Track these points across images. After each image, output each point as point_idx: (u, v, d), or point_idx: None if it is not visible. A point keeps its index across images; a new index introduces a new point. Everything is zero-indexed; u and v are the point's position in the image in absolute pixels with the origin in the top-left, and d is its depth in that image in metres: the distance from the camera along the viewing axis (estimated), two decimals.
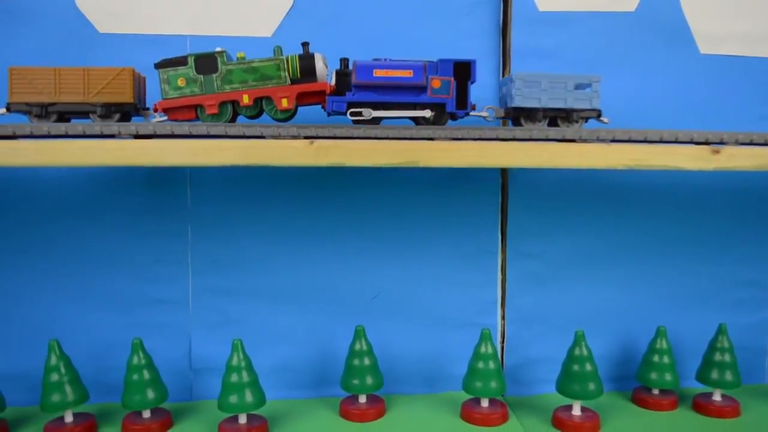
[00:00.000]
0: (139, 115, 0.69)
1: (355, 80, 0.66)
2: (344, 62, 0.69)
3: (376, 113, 0.67)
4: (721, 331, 0.82)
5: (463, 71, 0.67)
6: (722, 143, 0.67)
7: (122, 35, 0.78)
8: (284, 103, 0.67)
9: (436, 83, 0.66)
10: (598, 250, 0.87)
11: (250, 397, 0.72)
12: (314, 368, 0.85)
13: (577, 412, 0.77)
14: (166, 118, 0.68)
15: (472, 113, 0.69)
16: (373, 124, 0.67)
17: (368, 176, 0.83)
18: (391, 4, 0.81)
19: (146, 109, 0.70)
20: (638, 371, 0.84)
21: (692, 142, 0.68)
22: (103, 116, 0.66)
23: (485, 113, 0.71)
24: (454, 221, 0.85)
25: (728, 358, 0.81)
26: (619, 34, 0.84)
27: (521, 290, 0.87)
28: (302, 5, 0.80)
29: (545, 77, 0.68)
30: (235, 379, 0.72)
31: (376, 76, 0.66)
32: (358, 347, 0.78)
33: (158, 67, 0.67)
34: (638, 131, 0.68)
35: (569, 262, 0.87)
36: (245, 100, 0.67)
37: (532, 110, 0.69)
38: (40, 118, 0.66)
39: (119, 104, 0.66)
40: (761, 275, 0.91)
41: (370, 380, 0.78)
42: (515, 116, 0.70)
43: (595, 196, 0.86)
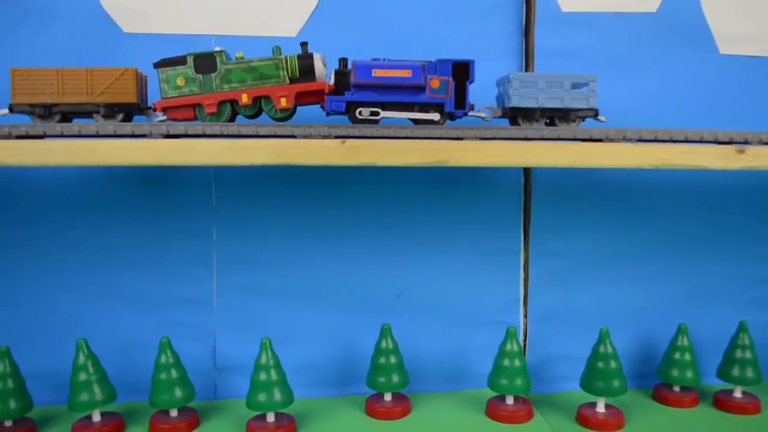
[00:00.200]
0: (142, 114, 0.69)
1: (354, 80, 0.66)
2: (343, 62, 0.69)
3: (384, 113, 0.67)
4: (741, 328, 0.83)
5: (461, 71, 0.67)
6: (746, 143, 0.68)
7: (147, 35, 0.78)
8: (283, 102, 0.67)
9: (434, 83, 0.66)
10: (619, 248, 0.88)
11: (278, 395, 0.72)
12: (339, 366, 0.85)
13: (601, 409, 0.77)
14: (165, 117, 0.68)
15: (470, 113, 0.69)
16: (372, 123, 0.67)
17: (392, 175, 0.83)
18: (413, 4, 0.82)
19: (149, 108, 0.70)
20: (659, 368, 0.84)
21: (717, 141, 0.68)
22: (106, 116, 0.67)
23: (483, 113, 0.71)
24: (477, 220, 0.85)
25: (749, 355, 0.82)
26: (640, 34, 0.84)
27: (543, 288, 0.87)
28: (327, 6, 0.80)
29: (542, 77, 0.68)
30: (263, 377, 0.72)
31: (374, 75, 0.66)
32: (384, 345, 0.79)
33: (157, 66, 0.67)
34: (664, 131, 0.68)
35: (591, 260, 0.87)
36: (244, 99, 0.67)
37: (529, 110, 0.69)
38: (42, 118, 0.66)
39: (123, 104, 0.66)
40: None
41: (396, 378, 0.78)
42: (512, 116, 0.70)
43: (616, 194, 0.87)
